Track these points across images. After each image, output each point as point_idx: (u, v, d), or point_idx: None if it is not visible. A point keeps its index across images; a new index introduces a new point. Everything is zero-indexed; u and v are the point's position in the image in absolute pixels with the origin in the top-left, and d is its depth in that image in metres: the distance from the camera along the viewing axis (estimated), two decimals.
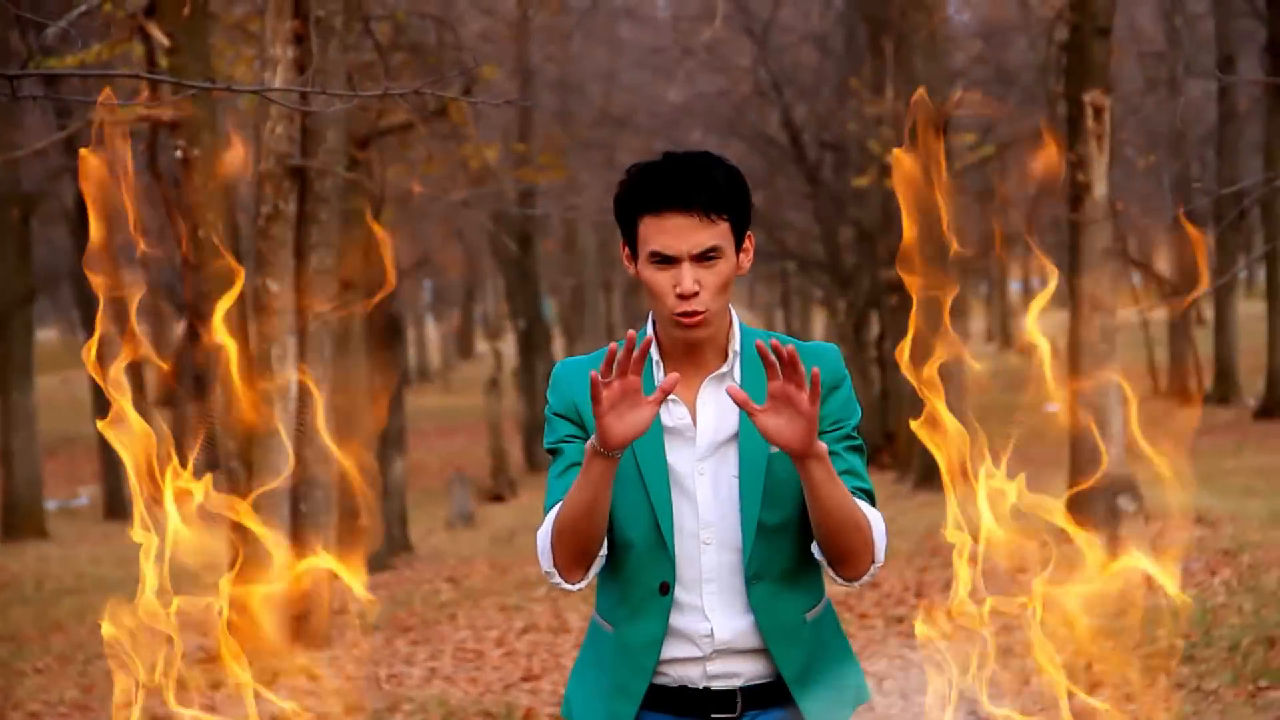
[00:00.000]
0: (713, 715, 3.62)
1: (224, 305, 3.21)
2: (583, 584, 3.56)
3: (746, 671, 3.62)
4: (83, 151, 3.19)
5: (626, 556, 3.59)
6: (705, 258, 3.45)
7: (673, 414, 3.58)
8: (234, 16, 15.60)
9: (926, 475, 20.68)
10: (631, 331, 3.31)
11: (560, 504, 3.49)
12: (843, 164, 27.81)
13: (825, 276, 28.94)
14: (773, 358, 3.29)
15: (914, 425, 3.16)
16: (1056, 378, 3.22)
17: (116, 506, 24.98)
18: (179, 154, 10.64)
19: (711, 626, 3.58)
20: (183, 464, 3.13)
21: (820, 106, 28.20)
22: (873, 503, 3.57)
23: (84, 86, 13.35)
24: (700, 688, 3.62)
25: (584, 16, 27.39)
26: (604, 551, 3.55)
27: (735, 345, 3.60)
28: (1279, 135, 26.15)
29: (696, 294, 3.44)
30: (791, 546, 3.57)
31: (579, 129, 29.39)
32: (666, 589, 3.58)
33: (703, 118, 31.18)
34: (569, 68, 29.29)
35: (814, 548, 3.54)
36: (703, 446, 3.58)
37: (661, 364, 3.59)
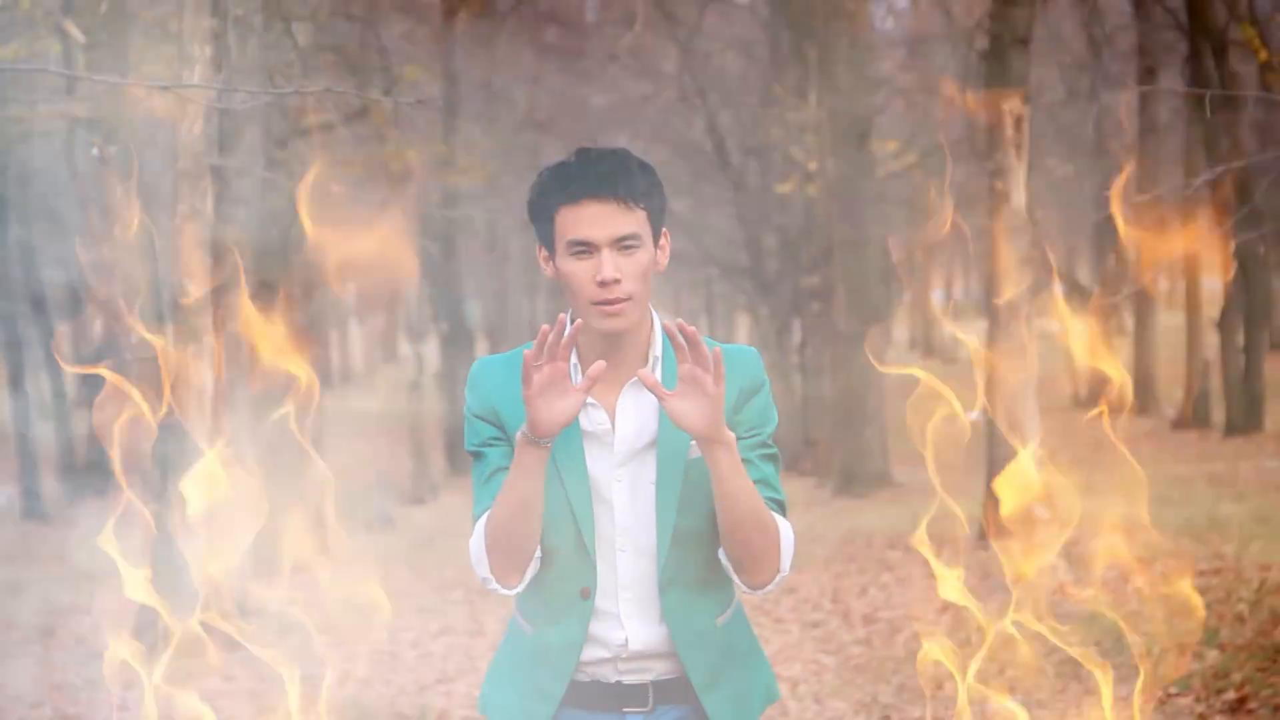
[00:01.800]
0: (625, 710, 3.63)
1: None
2: (520, 588, 3.54)
3: (658, 668, 3.63)
4: None
5: (550, 561, 3.56)
6: (625, 245, 3.43)
7: (592, 419, 3.55)
8: (153, 14, 15.47)
9: (845, 482, 20.74)
10: (562, 315, 3.33)
11: (492, 505, 3.47)
12: (766, 170, 27.87)
13: (748, 283, 28.95)
14: (680, 339, 3.29)
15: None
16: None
17: (33, 507, 24.69)
18: (95, 151, 10.54)
19: (626, 636, 3.59)
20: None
21: (744, 113, 28.26)
22: (784, 515, 3.56)
23: None
24: (612, 682, 3.63)
25: (508, 19, 27.33)
26: (539, 554, 3.52)
27: (656, 350, 3.57)
28: (1199, 146, 26.35)
29: (618, 280, 3.42)
30: (705, 552, 3.56)
31: (502, 132, 29.33)
32: (588, 594, 3.57)
33: (627, 123, 31.16)
34: (493, 70, 29.22)
35: (720, 553, 3.53)
36: (621, 453, 3.55)
37: (579, 368, 3.55)
